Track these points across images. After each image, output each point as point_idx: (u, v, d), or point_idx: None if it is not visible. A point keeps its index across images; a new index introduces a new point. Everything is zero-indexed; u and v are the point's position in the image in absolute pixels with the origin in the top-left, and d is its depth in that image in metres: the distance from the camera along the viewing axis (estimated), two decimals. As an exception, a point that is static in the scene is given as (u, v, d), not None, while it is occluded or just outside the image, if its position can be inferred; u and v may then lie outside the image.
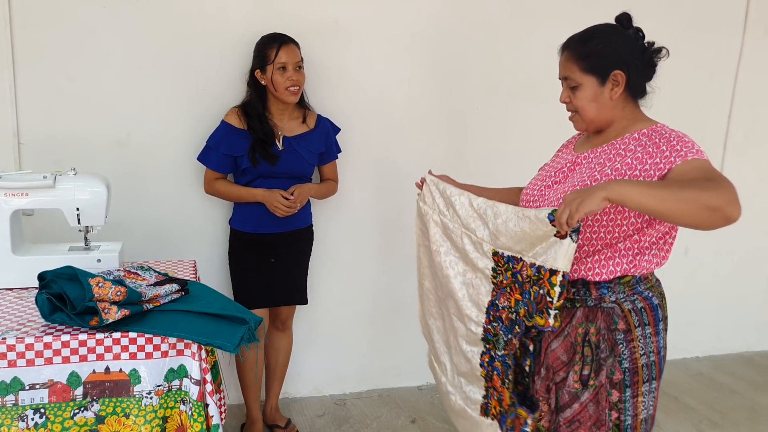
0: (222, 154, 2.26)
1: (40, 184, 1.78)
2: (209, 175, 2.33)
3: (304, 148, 2.31)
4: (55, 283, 1.49)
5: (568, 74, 1.46)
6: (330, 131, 2.42)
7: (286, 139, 2.29)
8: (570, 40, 1.49)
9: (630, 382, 1.39)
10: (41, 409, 1.43)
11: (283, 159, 2.26)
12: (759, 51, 3.06)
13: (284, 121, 2.32)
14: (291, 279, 2.42)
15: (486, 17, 2.68)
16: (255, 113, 2.26)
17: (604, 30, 1.46)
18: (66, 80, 2.29)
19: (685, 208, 1.17)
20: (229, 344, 1.47)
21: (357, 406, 2.77)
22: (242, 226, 2.35)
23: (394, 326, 2.86)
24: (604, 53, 1.42)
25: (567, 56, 1.47)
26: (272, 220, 2.29)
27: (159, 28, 2.34)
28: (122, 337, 1.47)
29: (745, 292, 3.38)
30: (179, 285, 1.63)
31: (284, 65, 2.19)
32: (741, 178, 3.14)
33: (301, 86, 2.25)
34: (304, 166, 2.33)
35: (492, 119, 2.78)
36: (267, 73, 2.21)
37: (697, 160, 1.29)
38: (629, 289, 1.40)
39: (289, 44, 2.22)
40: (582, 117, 1.47)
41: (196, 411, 1.49)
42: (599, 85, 1.43)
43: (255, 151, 2.23)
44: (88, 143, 2.34)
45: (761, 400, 2.94)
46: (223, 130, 2.27)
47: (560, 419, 1.44)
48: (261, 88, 2.27)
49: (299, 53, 2.25)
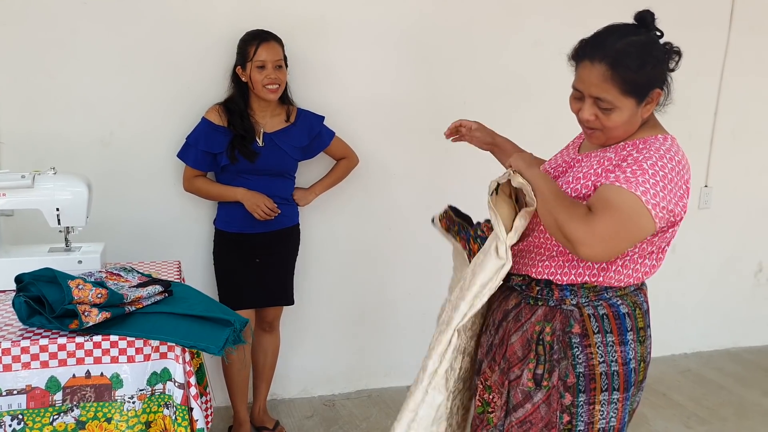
0: (201, 151, 2.23)
1: (18, 184, 1.74)
2: (188, 173, 2.30)
3: (285, 143, 2.28)
4: (34, 286, 1.46)
5: (602, 95, 1.28)
6: (312, 122, 2.38)
7: (266, 136, 2.26)
8: (602, 53, 1.27)
9: (585, 387, 1.35)
10: (19, 416, 1.39)
11: (263, 155, 2.23)
12: (744, 48, 3.07)
13: (266, 118, 2.29)
14: (277, 279, 2.39)
15: (474, 14, 2.66)
16: (237, 110, 2.23)
17: (642, 43, 1.27)
18: (47, 78, 2.25)
19: (548, 220, 1.29)
20: (214, 347, 1.44)
21: (346, 406, 2.75)
22: (227, 226, 2.32)
23: (383, 326, 2.84)
24: (649, 74, 1.27)
25: (602, 75, 1.26)
26: (257, 219, 2.26)
27: (142, 26, 2.30)
28: (103, 340, 1.44)
29: (732, 288, 3.40)
30: (162, 286, 1.59)
31: (263, 63, 2.17)
32: (727, 174, 3.21)
33: (281, 84, 2.22)
34: (285, 162, 2.30)
35: (481, 116, 2.74)
36: (247, 71, 2.20)
37: (619, 190, 1.22)
38: (594, 294, 1.36)
39: (269, 41, 2.20)
40: (607, 135, 1.33)
41: (180, 415, 1.46)
42: (636, 106, 1.29)
43: (234, 147, 2.20)
44: (71, 142, 2.30)
45: (749, 395, 2.96)
46: (203, 127, 2.24)
47: (513, 419, 1.42)
48: (243, 85, 2.24)
49: (281, 51, 2.22)
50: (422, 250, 2.81)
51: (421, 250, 2.80)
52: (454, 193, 2.78)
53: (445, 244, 2.89)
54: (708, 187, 3.22)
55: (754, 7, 3.03)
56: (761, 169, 3.28)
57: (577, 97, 1.35)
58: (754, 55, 3.10)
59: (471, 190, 2.73)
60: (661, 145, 1.30)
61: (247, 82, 2.22)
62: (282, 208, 2.31)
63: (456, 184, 2.79)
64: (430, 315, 1.81)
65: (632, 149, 1.31)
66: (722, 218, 3.27)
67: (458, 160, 2.76)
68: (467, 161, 2.77)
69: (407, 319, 2.84)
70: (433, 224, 1.75)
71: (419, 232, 2.79)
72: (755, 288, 3.45)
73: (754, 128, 3.22)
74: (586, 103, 1.32)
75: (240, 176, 2.25)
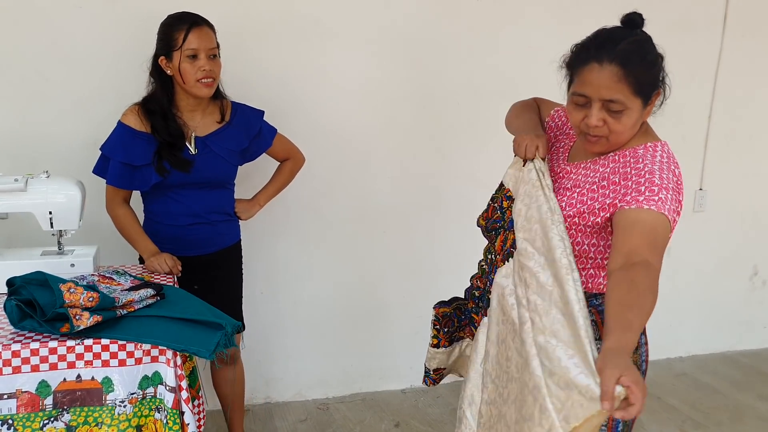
0: (120, 163, 1.88)
1: (10, 187, 1.74)
2: (111, 193, 1.95)
3: (220, 146, 1.96)
4: (25, 289, 1.45)
5: (614, 96, 1.22)
6: (251, 118, 2.05)
7: (198, 140, 1.93)
8: (610, 53, 1.22)
9: None
10: (9, 420, 1.38)
11: (198, 164, 1.91)
12: (738, 52, 3.08)
13: (196, 119, 1.95)
14: (222, 307, 1.88)
15: (466, 16, 2.66)
16: (158, 110, 1.89)
17: (643, 42, 1.26)
18: (40, 80, 2.24)
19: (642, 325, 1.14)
20: (205, 350, 1.44)
21: (340, 410, 2.74)
22: (158, 246, 1.95)
23: (378, 329, 2.83)
24: (654, 73, 1.25)
25: (615, 75, 1.22)
26: (191, 240, 1.97)
27: (137, 28, 2.29)
28: (94, 344, 1.43)
29: (727, 291, 3.40)
30: (155, 290, 1.59)
31: (195, 52, 1.83)
32: (721, 178, 3.21)
33: (216, 77, 1.89)
34: (224, 170, 1.99)
35: (474, 119, 2.77)
36: (173, 61, 1.85)
37: (651, 213, 1.18)
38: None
39: (201, 26, 1.86)
40: (611, 142, 1.29)
41: (171, 419, 1.45)
42: (642, 108, 1.27)
43: (161, 158, 1.86)
44: (64, 145, 2.29)
45: (744, 399, 2.96)
46: (120, 134, 1.89)
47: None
48: (166, 79, 1.90)
49: (215, 38, 1.90)
50: (416, 253, 2.81)
51: (416, 253, 2.80)
52: (448, 194, 2.81)
53: (443, 246, 2.90)
54: (702, 190, 3.22)
55: (748, 11, 3.04)
56: (755, 172, 3.28)
57: (580, 103, 1.29)
58: (748, 58, 3.10)
59: (464, 191, 2.75)
60: (661, 156, 1.28)
61: (173, 75, 1.88)
62: (222, 226, 2.05)
63: (450, 185, 2.80)
64: (424, 318, 1.81)
65: (631, 160, 1.28)
66: (717, 221, 3.27)
67: (452, 162, 2.77)
68: (461, 163, 2.78)
69: (401, 323, 2.84)
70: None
71: (413, 235, 2.80)
72: (750, 291, 3.45)
73: (749, 131, 3.22)
74: (593, 109, 1.26)
75: (170, 192, 1.93)
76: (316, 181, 2.57)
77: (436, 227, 2.81)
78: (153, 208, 2.03)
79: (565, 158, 1.46)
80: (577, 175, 1.37)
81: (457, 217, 2.68)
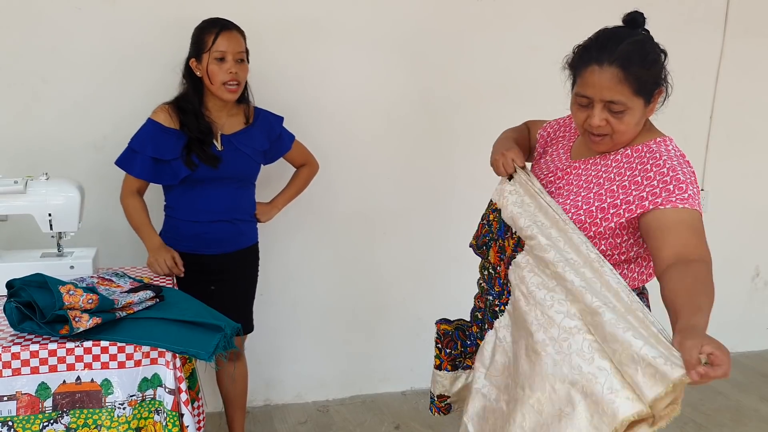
0: (149, 157, 1.96)
1: (10, 189, 1.74)
2: (130, 184, 2.02)
3: (246, 145, 2.05)
4: (24, 291, 1.45)
5: (615, 97, 1.24)
6: (272, 123, 2.16)
7: (224, 138, 2.03)
8: (610, 55, 1.24)
9: None
10: (9, 422, 1.38)
11: (226, 160, 1.99)
12: (739, 51, 3.07)
13: (223, 118, 2.05)
14: (236, 308, 2.06)
15: (467, 17, 2.66)
16: (190, 109, 1.98)
17: (643, 42, 1.28)
18: (40, 82, 2.24)
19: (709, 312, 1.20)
20: (204, 352, 1.43)
21: (340, 412, 2.73)
22: (175, 244, 2.01)
23: (378, 331, 2.83)
24: (655, 72, 1.27)
25: (615, 76, 1.23)
26: (211, 238, 2.02)
27: (136, 30, 2.29)
28: (94, 346, 1.43)
29: (728, 292, 3.38)
30: (154, 292, 1.59)
31: (223, 55, 1.92)
32: (723, 178, 3.20)
33: (241, 83, 1.98)
34: (249, 166, 2.08)
35: (475, 121, 2.76)
36: (203, 63, 1.95)
37: (688, 211, 1.22)
38: None
39: (230, 30, 1.95)
40: (615, 141, 1.31)
41: (170, 421, 1.45)
42: (644, 107, 1.28)
43: (191, 152, 1.95)
44: (63, 147, 2.28)
45: (746, 401, 2.95)
46: (150, 130, 1.97)
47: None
48: (197, 80, 1.99)
49: (243, 43, 1.99)
50: (417, 254, 2.80)
51: (416, 254, 2.80)
52: (449, 195, 2.81)
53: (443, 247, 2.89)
54: (704, 190, 3.21)
55: (749, 10, 3.04)
56: (757, 172, 3.27)
57: (583, 104, 1.31)
58: (750, 57, 3.10)
59: (465, 192, 2.75)
60: (674, 150, 1.31)
61: (202, 77, 1.98)
62: (242, 225, 2.11)
63: (451, 186, 2.79)
64: (425, 320, 1.81)
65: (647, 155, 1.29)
66: (719, 222, 3.25)
67: (452, 164, 2.76)
68: (462, 165, 2.77)
69: (401, 325, 2.84)
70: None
71: (414, 237, 2.79)
72: (752, 292, 3.44)
73: (750, 131, 3.21)
74: (595, 109, 1.28)
75: (198, 186, 1.99)
76: (316, 182, 2.56)
77: (436, 229, 2.80)
78: (176, 204, 2.07)
79: (568, 156, 1.46)
80: (587, 172, 1.37)
81: (458, 218, 2.67)
